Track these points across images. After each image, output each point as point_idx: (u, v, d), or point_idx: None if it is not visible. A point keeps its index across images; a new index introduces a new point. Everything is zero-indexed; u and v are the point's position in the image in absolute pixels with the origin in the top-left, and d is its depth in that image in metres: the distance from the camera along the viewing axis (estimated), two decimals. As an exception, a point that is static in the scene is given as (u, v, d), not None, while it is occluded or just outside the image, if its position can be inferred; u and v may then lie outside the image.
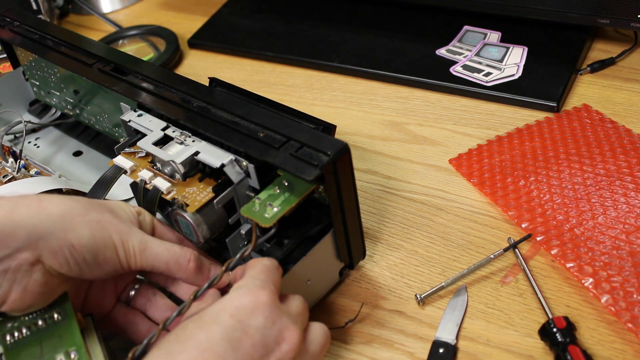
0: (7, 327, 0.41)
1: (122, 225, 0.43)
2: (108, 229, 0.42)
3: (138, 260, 0.43)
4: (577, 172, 0.57)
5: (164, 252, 0.44)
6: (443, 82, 0.70)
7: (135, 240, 0.43)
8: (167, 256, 0.44)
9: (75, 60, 0.58)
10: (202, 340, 0.37)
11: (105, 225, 0.42)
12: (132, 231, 0.44)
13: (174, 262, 0.44)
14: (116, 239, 0.43)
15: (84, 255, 0.41)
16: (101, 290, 0.46)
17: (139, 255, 0.43)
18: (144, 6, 0.96)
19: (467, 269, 0.51)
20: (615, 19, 0.64)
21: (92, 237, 0.41)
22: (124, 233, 0.43)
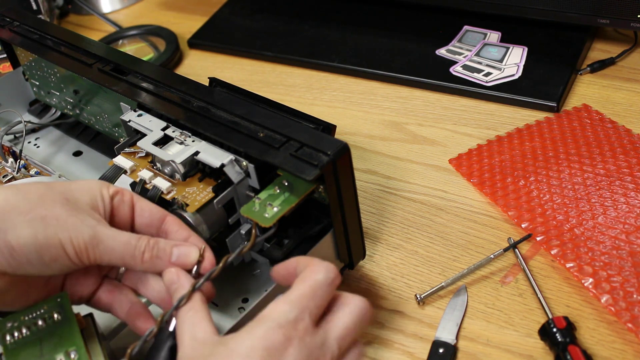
0: (7, 327, 0.41)
1: (72, 219, 0.40)
2: (53, 227, 0.39)
3: (91, 256, 0.41)
4: (577, 172, 0.57)
5: (119, 246, 0.41)
6: (443, 82, 0.70)
7: (86, 235, 0.40)
8: (122, 250, 0.41)
9: (75, 60, 0.58)
10: None
11: (50, 222, 0.39)
12: (83, 226, 0.40)
13: (129, 256, 0.41)
14: (62, 237, 0.40)
15: (26, 255, 0.39)
16: (82, 273, 0.44)
17: (91, 251, 0.41)
18: (144, 6, 0.96)
19: (467, 269, 0.51)
20: (615, 19, 0.64)
21: (33, 237, 0.39)
22: (72, 229, 0.40)
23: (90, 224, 0.41)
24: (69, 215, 0.40)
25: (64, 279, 0.44)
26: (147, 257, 0.42)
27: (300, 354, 0.36)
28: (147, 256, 0.42)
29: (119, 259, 0.41)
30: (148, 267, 0.42)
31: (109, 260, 0.41)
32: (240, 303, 0.51)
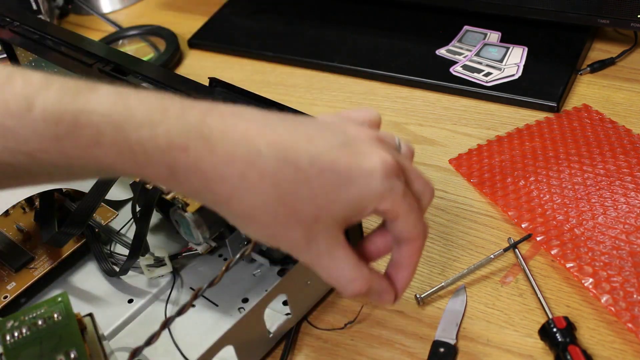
0: (7, 327, 0.41)
1: (305, 242, 0.36)
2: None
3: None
4: (577, 172, 0.57)
5: (333, 273, 0.37)
6: (443, 82, 0.70)
7: (313, 254, 0.37)
8: (334, 278, 0.38)
9: (75, 60, 0.58)
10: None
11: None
12: (318, 240, 0.36)
13: (339, 285, 0.38)
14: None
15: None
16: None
17: (305, 263, 0.38)
18: (144, 6, 0.96)
19: (467, 269, 0.51)
20: (615, 19, 0.64)
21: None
22: (305, 246, 0.36)
23: (315, 251, 0.37)
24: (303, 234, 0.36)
25: None
26: (350, 296, 0.39)
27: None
28: (350, 295, 0.38)
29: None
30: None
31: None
32: (240, 303, 0.51)
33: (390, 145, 0.39)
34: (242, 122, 0.35)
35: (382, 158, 0.36)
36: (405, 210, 0.37)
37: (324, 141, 0.35)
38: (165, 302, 0.52)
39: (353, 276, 0.37)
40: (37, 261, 0.54)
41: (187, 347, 0.48)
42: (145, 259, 0.52)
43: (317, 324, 0.50)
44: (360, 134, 0.37)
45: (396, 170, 0.36)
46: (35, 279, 0.53)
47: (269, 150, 0.34)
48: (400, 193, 0.36)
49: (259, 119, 0.35)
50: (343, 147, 0.36)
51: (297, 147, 0.35)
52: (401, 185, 0.36)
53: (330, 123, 0.38)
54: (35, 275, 0.53)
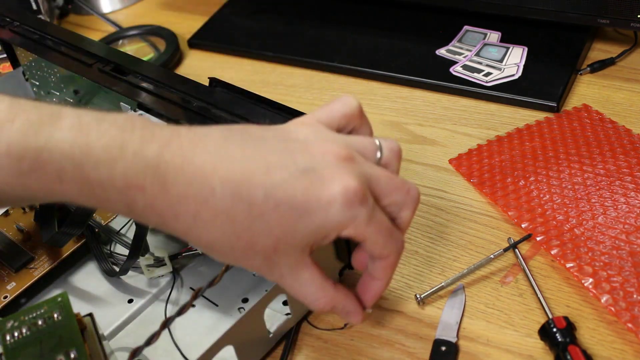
0: (7, 327, 0.41)
1: (280, 260, 0.37)
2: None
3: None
4: (577, 172, 0.57)
5: (299, 293, 0.39)
6: (443, 82, 0.70)
7: (277, 275, 0.38)
8: (302, 297, 0.39)
9: (75, 60, 0.58)
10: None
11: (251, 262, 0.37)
12: (281, 264, 0.37)
13: (306, 302, 0.39)
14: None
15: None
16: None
17: (272, 281, 0.39)
18: (144, 6, 0.96)
19: (467, 269, 0.51)
20: (615, 19, 0.64)
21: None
22: (267, 270, 0.37)
23: (279, 273, 0.38)
24: (278, 257, 0.37)
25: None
26: (323, 311, 0.41)
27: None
28: (323, 311, 0.40)
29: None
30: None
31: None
32: (240, 303, 0.51)
33: (362, 161, 0.38)
34: (199, 155, 0.35)
35: (344, 186, 0.35)
36: (371, 235, 0.37)
37: (282, 171, 0.35)
38: (165, 302, 0.52)
39: (316, 296, 0.38)
40: (37, 261, 0.54)
41: (187, 347, 0.48)
42: (145, 259, 0.52)
43: (317, 324, 0.50)
44: (327, 154, 0.36)
45: (359, 198, 0.35)
46: (35, 279, 0.53)
47: (223, 187, 0.34)
48: (364, 220, 0.36)
49: (218, 149, 0.35)
50: (303, 175, 0.35)
51: (253, 182, 0.35)
52: (364, 212, 0.36)
53: (296, 142, 0.37)
54: (35, 275, 0.53)
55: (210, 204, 0.34)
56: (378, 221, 0.37)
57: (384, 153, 0.40)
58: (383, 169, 0.39)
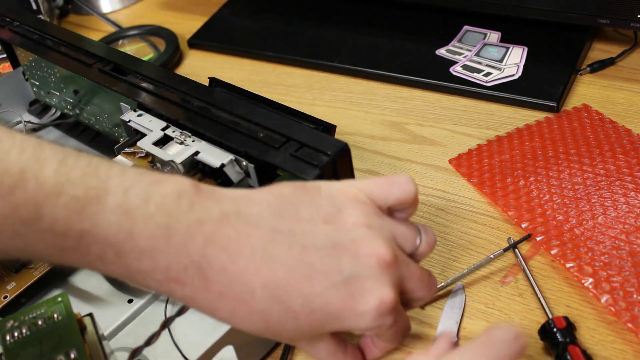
0: (7, 327, 0.41)
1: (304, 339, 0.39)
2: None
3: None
4: (576, 172, 0.57)
5: (314, 357, 0.41)
6: (443, 82, 0.70)
7: (297, 345, 0.42)
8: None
9: (75, 60, 0.58)
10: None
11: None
12: (303, 340, 0.39)
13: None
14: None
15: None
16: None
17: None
18: (144, 6, 0.96)
19: (467, 269, 0.51)
20: (615, 19, 0.64)
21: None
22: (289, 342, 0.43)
23: (300, 345, 0.40)
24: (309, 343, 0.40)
25: None
26: None
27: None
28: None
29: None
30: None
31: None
32: (240, 303, 0.51)
33: (402, 260, 0.39)
34: (244, 254, 0.35)
35: (381, 300, 0.36)
36: (388, 334, 0.40)
37: (324, 280, 0.36)
38: (165, 302, 0.52)
39: (325, 358, 0.40)
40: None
41: (187, 347, 0.47)
42: (145, 259, 0.52)
43: (317, 324, 0.50)
44: (372, 258, 0.37)
45: (390, 309, 0.37)
46: (35, 279, 0.53)
47: (263, 291, 0.35)
48: (387, 327, 0.38)
49: (264, 249, 0.35)
50: (342, 286, 0.36)
51: (292, 289, 0.35)
52: (391, 320, 0.38)
53: (345, 236, 0.37)
54: (35, 275, 0.53)
55: (249, 304, 0.35)
56: (399, 323, 0.39)
57: (422, 248, 0.41)
58: (416, 267, 0.40)
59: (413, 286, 0.40)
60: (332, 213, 0.38)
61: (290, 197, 0.38)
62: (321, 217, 0.38)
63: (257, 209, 0.37)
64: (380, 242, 0.38)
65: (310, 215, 0.38)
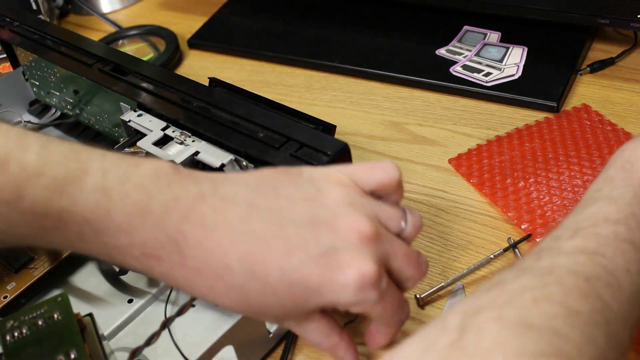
0: (7, 327, 0.41)
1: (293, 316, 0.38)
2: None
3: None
4: (576, 174, 0.57)
5: (307, 339, 0.40)
6: (443, 82, 0.70)
7: (287, 325, 0.40)
8: (310, 341, 0.41)
9: (75, 60, 0.58)
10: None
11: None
12: (290, 319, 0.39)
13: (314, 345, 0.41)
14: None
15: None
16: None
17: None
18: (144, 6, 0.96)
19: (467, 269, 0.51)
20: (615, 19, 0.64)
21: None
22: (276, 321, 0.42)
23: (289, 324, 0.39)
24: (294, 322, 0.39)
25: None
26: (328, 352, 0.42)
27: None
28: (328, 351, 0.41)
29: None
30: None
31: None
32: (240, 303, 0.51)
33: (385, 236, 0.38)
34: (220, 230, 0.35)
35: (360, 271, 0.36)
36: (378, 312, 0.38)
37: (301, 252, 0.35)
38: (165, 302, 0.52)
39: (320, 341, 0.40)
40: (37, 261, 0.54)
41: (187, 347, 0.48)
42: (145, 259, 0.52)
43: (317, 324, 0.50)
44: (351, 231, 0.37)
45: (373, 282, 0.36)
46: (35, 279, 0.53)
47: (240, 265, 0.35)
48: (373, 301, 0.37)
49: (240, 223, 0.35)
50: (321, 258, 0.36)
51: (269, 262, 0.35)
52: (375, 295, 0.37)
53: (324, 212, 0.37)
54: (35, 275, 0.53)
55: (226, 279, 0.35)
56: (388, 300, 0.38)
57: (407, 229, 0.40)
58: (402, 244, 0.40)
59: (400, 264, 0.39)
60: (312, 192, 0.38)
61: (270, 178, 0.38)
62: (300, 195, 0.37)
63: (234, 188, 0.37)
64: (361, 217, 0.37)
65: (290, 193, 0.37)
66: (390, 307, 0.39)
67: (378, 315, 0.39)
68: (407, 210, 0.41)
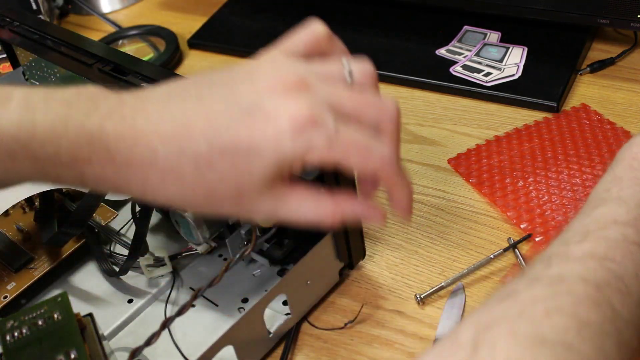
0: (7, 327, 0.41)
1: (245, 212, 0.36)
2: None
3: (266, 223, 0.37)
4: (575, 173, 0.57)
5: (300, 218, 0.36)
6: (443, 82, 0.70)
7: (262, 213, 0.36)
8: (305, 221, 0.37)
9: (75, 60, 0.58)
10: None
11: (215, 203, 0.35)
12: (257, 203, 0.35)
13: (313, 224, 0.37)
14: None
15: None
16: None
17: (267, 221, 0.38)
18: (144, 6, 0.96)
19: (467, 269, 0.51)
20: (615, 19, 0.64)
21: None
22: (248, 213, 0.36)
23: (265, 199, 0.35)
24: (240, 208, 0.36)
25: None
26: (331, 227, 0.37)
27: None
28: (331, 227, 0.37)
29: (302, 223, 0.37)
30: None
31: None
32: (240, 303, 0.51)
33: (320, 86, 0.35)
34: (140, 119, 0.34)
35: (291, 114, 0.33)
36: (342, 155, 0.34)
37: (223, 116, 0.34)
38: (165, 302, 0.52)
39: (317, 213, 0.36)
40: (37, 261, 0.54)
41: (187, 347, 0.48)
42: (145, 259, 0.52)
43: (317, 324, 0.50)
44: (274, 85, 0.35)
45: (311, 122, 0.33)
46: (35, 279, 0.53)
47: (165, 146, 0.34)
48: (323, 143, 0.34)
49: (159, 109, 0.35)
50: (246, 116, 0.34)
51: (194, 134, 0.34)
52: (322, 135, 0.34)
53: (245, 79, 0.36)
54: (35, 275, 0.53)
55: (156, 166, 0.34)
56: (345, 139, 0.34)
57: (355, 77, 0.37)
58: (348, 90, 0.36)
59: (352, 108, 0.36)
60: (237, 69, 0.37)
61: (192, 78, 0.37)
62: (224, 75, 0.36)
63: (155, 90, 0.36)
64: (284, 70, 0.35)
65: (215, 77, 0.36)
66: (355, 149, 0.35)
67: (346, 162, 0.35)
68: (350, 60, 0.38)
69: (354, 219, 0.38)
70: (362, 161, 0.35)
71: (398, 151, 0.37)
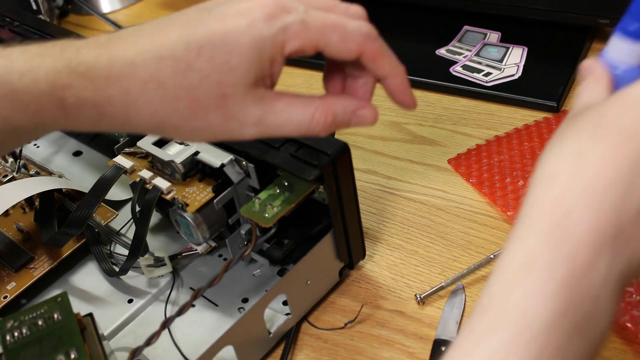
0: (7, 327, 0.41)
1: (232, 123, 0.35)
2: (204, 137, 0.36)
3: (256, 135, 0.36)
4: (576, 172, 0.57)
5: (290, 122, 0.36)
6: (443, 82, 0.70)
7: (250, 122, 0.35)
8: (296, 125, 0.36)
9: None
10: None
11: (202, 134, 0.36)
12: (244, 108, 0.35)
13: (305, 128, 0.36)
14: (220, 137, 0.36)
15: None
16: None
17: (256, 134, 0.36)
18: (144, 6, 0.96)
19: (467, 269, 0.51)
20: (615, 19, 0.64)
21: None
22: (237, 124, 0.35)
23: (251, 108, 0.35)
24: (227, 119, 0.35)
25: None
26: (330, 121, 0.37)
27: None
28: (329, 120, 0.37)
29: (292, 132, 0.37)
30: (328, 131, 0.38)
31: (279, 133, 0.36)
32: (240, 303, 0.51)
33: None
34: (115, 43, 0.35)
35: (261, 2, 0.34)
36: (320, 36, 0.35)
37: (197, 20, 0.35)
38: (165, 302, 0.52)
39: (306, 114, 0.36)
40: (37, 261, 0.54)
41: (187, 347, 0.48)
42: (145, 259, 0.52)
43: (317, 324, 0.50)
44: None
45: (281, 7, 0.34)
46: (35, 279, 0.53)
47: (143, 56, 0.34)
48: (298, 25, 0.34)
49: (134, 31, 0.36)
50: (218, 14, 0.34)
51: (169, 40, 0.34)
52: (295, 17, 0.34)
53: (211, 3, 0.36)
54: (35, 275, 0.53)
55: (136, 76, 0.34)
56: (319, 19, 0.35)
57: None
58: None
59: (323, 3, 0.36)
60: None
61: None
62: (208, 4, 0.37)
63: (131, 28, 0.37)
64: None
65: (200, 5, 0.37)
66: (331, 27, 0.35)
67: (327, 43, 0.35)
68: None
69: (346, 120, 0.38)
70: (341, 39, 0.35)
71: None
